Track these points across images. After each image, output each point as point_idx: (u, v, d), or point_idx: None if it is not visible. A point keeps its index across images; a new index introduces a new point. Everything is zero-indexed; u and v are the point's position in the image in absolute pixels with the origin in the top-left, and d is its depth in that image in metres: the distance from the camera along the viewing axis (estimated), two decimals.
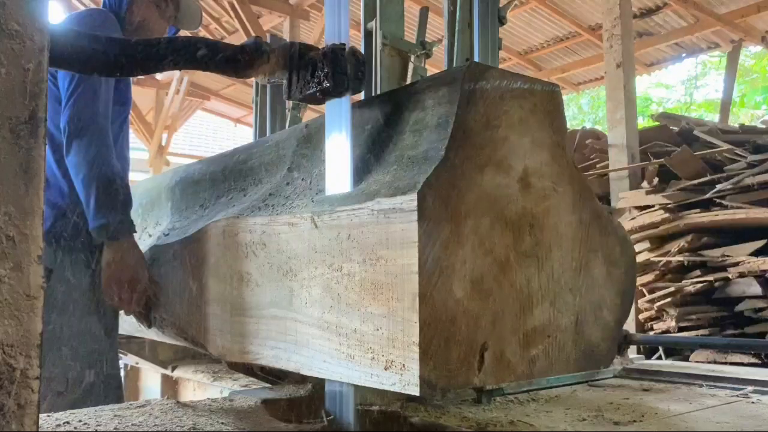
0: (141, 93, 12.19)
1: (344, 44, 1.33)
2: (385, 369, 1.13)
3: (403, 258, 1.09)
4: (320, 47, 1.38)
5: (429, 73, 1.90)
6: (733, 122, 8.81)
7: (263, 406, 1.42)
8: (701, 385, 1.91)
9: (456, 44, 2.03)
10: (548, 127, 1.34)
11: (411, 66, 2.07)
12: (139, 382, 2.91)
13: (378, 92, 1.86)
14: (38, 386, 0.77)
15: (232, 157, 1.95)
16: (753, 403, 1.68)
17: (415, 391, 1.08)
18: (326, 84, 1.32)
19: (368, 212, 1.15)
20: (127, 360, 2.86)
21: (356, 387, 1.32)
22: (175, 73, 11.09)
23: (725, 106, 8.38)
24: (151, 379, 2.77)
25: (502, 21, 2.06)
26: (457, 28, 2.04)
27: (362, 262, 1.17)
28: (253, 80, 1.52)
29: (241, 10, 8.15)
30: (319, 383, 1.50)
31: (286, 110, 3.02)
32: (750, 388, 1.82)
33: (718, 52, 10.27)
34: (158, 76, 11.78)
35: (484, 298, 1.18)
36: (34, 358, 0.77)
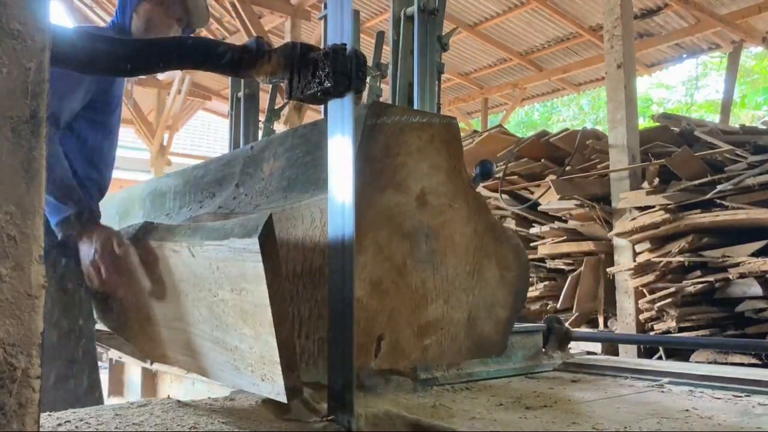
0: (142, 93, 12.19)
1: (345, 44, 1.33)
2: (262, 380, 1.30)
3: (259, 291, 1.22)
4: (321, 47, 1.38)
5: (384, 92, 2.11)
6: (734, 123, 8.80)
7: (264, 406, 1.42)
8: (626, 377, 2.03)
9: (399, 69, 2.26)
10: (445, 153, 1.55)
11: (367, 86, 2.25)
12: (123, 376, 2.99)
13: None
14: (39, 385, 0.77)
15: (192, 172, 2.11)
16: (663, 392, 1.81)
17: (283, 399, 1.25)
18: (327, 84, 1.32)
19: (227, 249, 1.28)
20: (111, 355, 2.93)
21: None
22: (177, 73, 11.09)
23: (726, 107, 8.38)
24: (133, 372, 2.84)
25: (444, 48, 2.31)
26: (400, 55, 2.27)
27: (231, 290, 1.32)
28: (229, 92, 1.59)
29: (242, 10, 8.15)
30: (319, 384, 1.50)
31: (259, 122, 3.26)
32: (666, 379, 1.94)
33: (719, 53, 10.26)
34: (160, 76, 11.78)
35: (382, 296, 1.41)
36: (35, 357, 0.77)
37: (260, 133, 3.48)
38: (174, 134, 12.40)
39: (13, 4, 0.77)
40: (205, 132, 18.69)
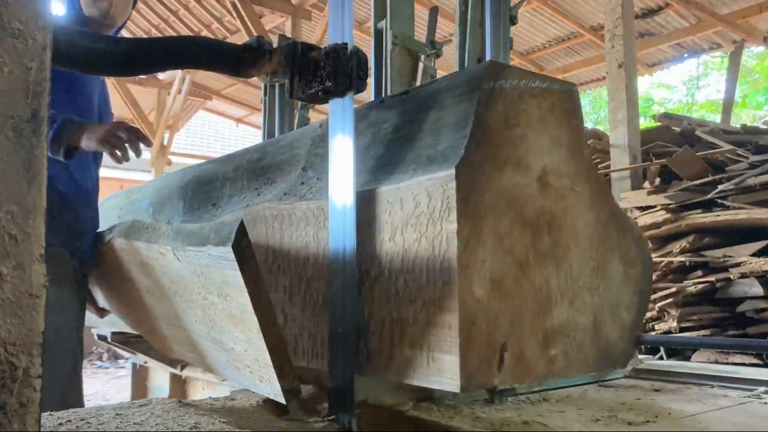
0: (143, 93, 12.19)
1: (346, 43, 1.33)
2: (260, 381, 1.27)
3: (243, 298, 1.18)
4: (322, 46, 1.38)
5: (439, 74, 1.91)
6: (735, 123, 8.79)
7: (265, 405, 1.41)
8: (712, 386, 1.90)
9: (468, 44, 2.02)
10: (566, 125, 1.33)
11: (421, 66, 2.08)
12: (147, 382, 2.90)
13: (389, 92, 1.87)
14: (40, 385, 0.77)
15: (243, 157, 1.93)
16: (766, 403, 1.68)
17: (281, 400, 1.23)
18: (328, 83, 1.32)
19: (207, 255, 1.22)
20: (135, 359, 2.84)
21: (361, 385, 1.34)
22: (177, 73, 11.10)
23: (727, 107, 8.36)
24: (159, 378, 2.76)
25: (513, 21, 2.06)
26: (468, 28, 2.03)
27: (218, 295, 1.28)
28: (258, 80, 1.52)
29: (242, 10, 8.15)
30: (321, 382, 1.50)
31: (294, 110, 2.98)
32: (762, 388, 1.81)
33: (720, 53, 10.25)
34: (160, 75, 11.79)
35: (504, 298, 1.17)
36: (36, 356, 0.77)
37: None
38: (174, 134, 12.39)
39: (15, 2, 0.77)
40: (205, 132, 18.68)
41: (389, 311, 1.23)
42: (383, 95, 1.89)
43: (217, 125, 18.03)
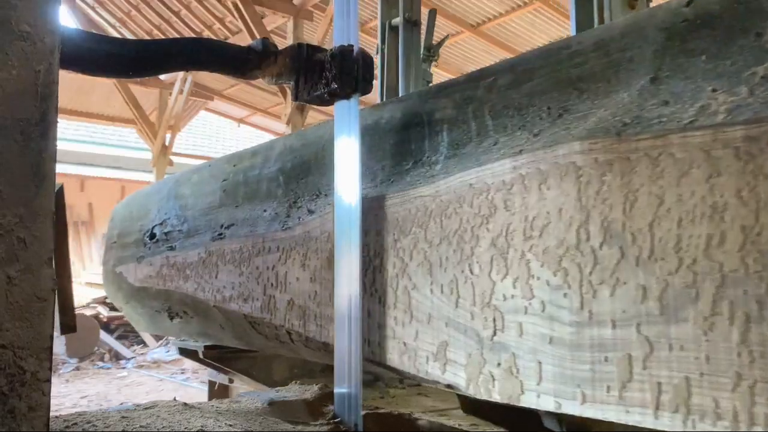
0: (145, 93, 12.22)
1: (352, 45, 1.33)
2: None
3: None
4: (327, 48, 1.38)
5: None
6: None
7: (270, 408, 1.41)
8: None
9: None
10: None
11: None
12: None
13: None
14: (49, 389, 0.77)
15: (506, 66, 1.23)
16: None
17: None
18: (334, 85, 1.32)
19: None
20: (215, 377, 2.54)
21: (364, 389, 1.33)
22: (179, 73, 11.11)
23: None
24: None
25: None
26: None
27: None
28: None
29: (244, 11, 8.16)
30: (325, 386, 1.50)
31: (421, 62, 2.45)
32: None
33: None
34: (162, 76, 11.80)
35: None
36: (44, 360, 0.77)
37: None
38: (176, 134, 12.42)
39: (23, 6, 0.77)
40: (207, 132, 18.71)
41: None
42: None
43: (218, 125, 18.06)
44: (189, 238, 1.88)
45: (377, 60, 2.29)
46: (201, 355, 2.30)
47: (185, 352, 2.43)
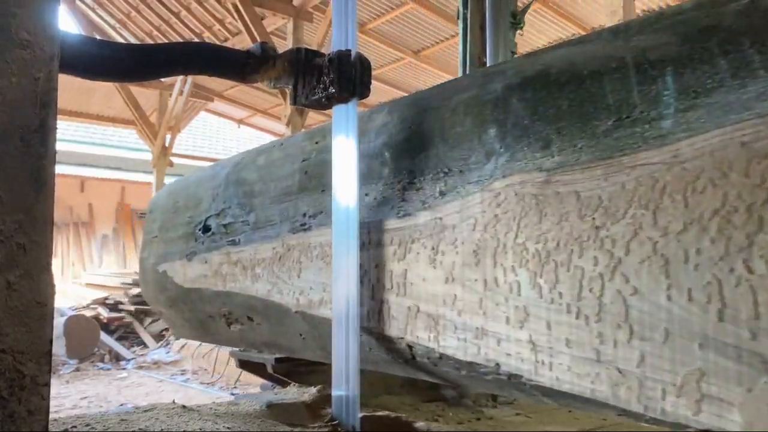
0: (144, 94, 12.22)
1: (350, 50, 1.34)
2: None
3: None
4: (326, 53, 1.39)
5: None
6: None
7: (268, 411, 1.42)
8: None
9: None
10: None
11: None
12: None
13: None
14: (48, 393, 0.78)
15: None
16: None
17: None
18: (332, 90, 1.33)
19: None
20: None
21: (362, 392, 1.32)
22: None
23: None
24: None
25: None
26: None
27: None
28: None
29: (244, 12, 8.17)
30: (323, 388, 1.50)
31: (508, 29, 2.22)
32: None
33: None
34: None
35: None
36: (43, 365, 0.77)
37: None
38: (176, 135, 12.42)
39: (23, 14, 0.77)
40: (207, 133, 18.72)
41: None
42: None
43: (218, 126, 18.07)
44: (258, 230, 1.62)
45: (459, 24, 2.14)
46: (270, 369, 1.96)
47: (247, 366, 2.12)
